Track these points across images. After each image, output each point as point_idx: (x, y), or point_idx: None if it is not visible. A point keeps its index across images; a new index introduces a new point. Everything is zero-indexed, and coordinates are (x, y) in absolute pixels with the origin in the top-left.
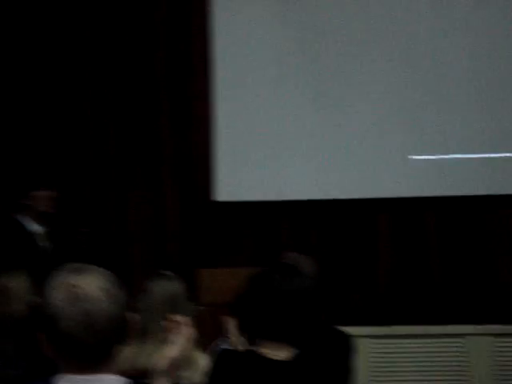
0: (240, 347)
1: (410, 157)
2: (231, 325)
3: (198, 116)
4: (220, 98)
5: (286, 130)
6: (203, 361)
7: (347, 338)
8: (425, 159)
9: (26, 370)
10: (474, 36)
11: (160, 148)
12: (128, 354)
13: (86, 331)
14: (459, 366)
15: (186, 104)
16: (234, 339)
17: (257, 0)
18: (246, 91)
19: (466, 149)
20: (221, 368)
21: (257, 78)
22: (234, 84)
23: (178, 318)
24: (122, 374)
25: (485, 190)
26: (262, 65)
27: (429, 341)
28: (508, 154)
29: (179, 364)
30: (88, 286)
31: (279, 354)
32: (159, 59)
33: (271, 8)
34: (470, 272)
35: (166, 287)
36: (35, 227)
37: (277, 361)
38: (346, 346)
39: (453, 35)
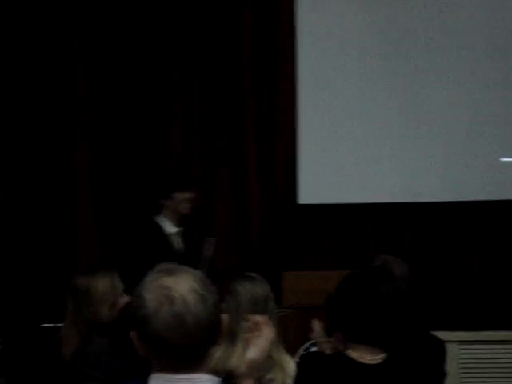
0: (328, 350)
1: (500, 159)
2: (318, 327)
3: (282, 118)
4: (304, 99)
5: (371, 132)
6: (290, 363)
7: (440, 343)
8: None
9: (122, 369)
10: None
11: (245, 151)
12: (218, 354)
13: (177, 333)
14: None
15: (271, 105)
16: (322, 342)
17: None
18: (331, 92)
19: None
20: (307, 371)
21: (341, 77)
22: (318, 84)
23: (258, 317)
24: (214, 374)
25: None
26: (346, 65)
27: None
28: None
29: (259, 366)
30: (180, 288)
31: (369, 357)
32: (244, 62)
33: (355, 5)
34: None
35: (250, 288)
36: (172, 228)
37: (366, 364)
38: (438, 352)
39: None
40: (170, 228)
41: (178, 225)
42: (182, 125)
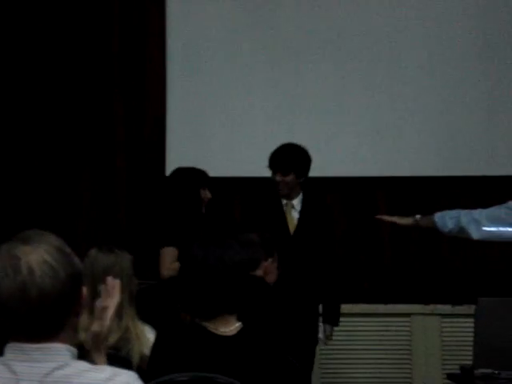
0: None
1: (365, 137)
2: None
3: (150, 95)
4: (174, 77)
5: (239, 107)
6: (149, 334)
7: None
8: None
9: None
10: None
11: (112, 119)
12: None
13: (18, 303)
14: (406, 344)
15: (140, 83)
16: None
17: None
18: (201, 60)
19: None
20: (164, 340)
21: (211, 53)
22: (188, 54)
23: (111, 281)
24: (78, 344)
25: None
26: (216, 41)
27: (376, 319)
28: None
29: (104, 338)
30: (29, 258)
31: (223, 328)
32: (113, 34)
33: None
34: (419, 253)
35: (105, 259)
36: None
37: (220, 336)
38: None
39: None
40: None
41: None
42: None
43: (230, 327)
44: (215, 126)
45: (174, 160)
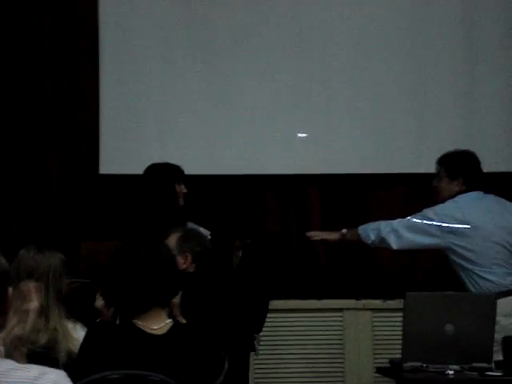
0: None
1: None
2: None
3: (84, 89)
4: (106, 70)
5: (173, 105)
6: (79, 331)
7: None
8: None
9: None
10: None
11: (45, 118)
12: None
13: None
14: (338, 339)
15: (73, 77)
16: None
17: None
18: (134, 59)
19: None
20: (93, 339)
21: (144, 44)
22: (121, 51)
23: (30, 284)
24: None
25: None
26: (149, 38)
27: (308, 315)
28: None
29: (26, 340)
30: None
31: (154, 326)
32: (45, 21)
33: None
34: (351, 249)
35: (31, 258)
36: None
37: (150, 334)
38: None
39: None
40: None
41: None
42: None
43: (161, 324)
44: (148, 127)
45: (107, 159)
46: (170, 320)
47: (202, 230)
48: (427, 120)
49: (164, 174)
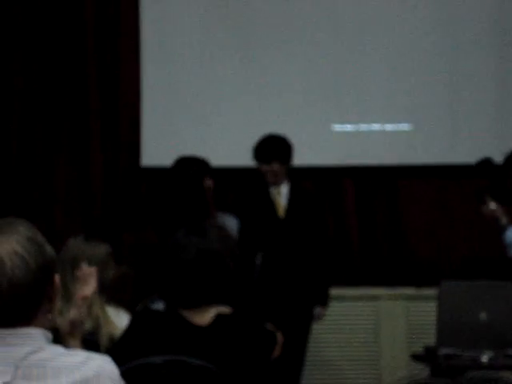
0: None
1: (333, 126)
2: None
3: (125, 78)
4: (148, 63)
5: (213, 96)
6: (123, 318)
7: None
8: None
9: None
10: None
11: (87, 111)
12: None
13: None
14: (373, 328)
15: (114, 67)
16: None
17: None
18: (174, 54)
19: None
20: (137, 326)
21: (184, 40)
22: (162, 46)
23: (85, 268)
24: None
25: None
26: (188, 28)
27: (344, 304)
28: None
29: (82, 326)
30: (1, 249)
31: (198, 317)
32: (88, 17)
33: None
34: (384, 237)
35: (76, 247)
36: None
37: (194, 325)
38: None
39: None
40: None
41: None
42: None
43: (206, 315)
44: (188, 120)
45: (149, 151)
46: (216, 312)
47: (228, 217)
48: (462, 112)
49: (193, 168)
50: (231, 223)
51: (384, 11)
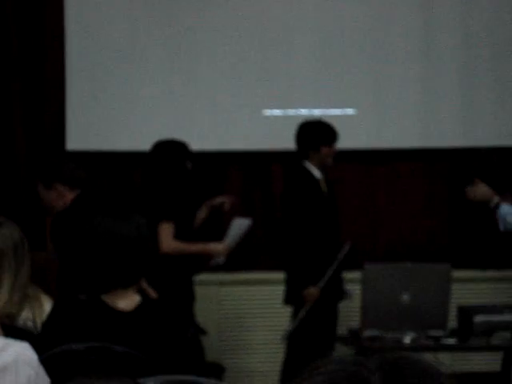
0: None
1: (263, 111)
2: None
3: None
4: (73, 47)
5: (139, 80)
6: (46, 304)
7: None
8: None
9: None
10: None
11: (10, 93)
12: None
13: None
14: None
15: (38, 49)
16: None
17: None
18: (99, 38)
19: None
20: (58, 313)
21: (109, 23)
22: (87, 29)
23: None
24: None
25: None
26: (113, 11)
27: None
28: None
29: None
30: None
31: (122, 303)
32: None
33: None
34: None
35: None
36: (319, 174)
37: (118, 311)
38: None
39: None
40: (317, 174)
41: (322, 172)
42: None
43: (129, 301)
44: (113, 104)
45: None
46: (140, 297)
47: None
48: (388, 96)
49: (175, 151)
50: (240, 222)
51: None
